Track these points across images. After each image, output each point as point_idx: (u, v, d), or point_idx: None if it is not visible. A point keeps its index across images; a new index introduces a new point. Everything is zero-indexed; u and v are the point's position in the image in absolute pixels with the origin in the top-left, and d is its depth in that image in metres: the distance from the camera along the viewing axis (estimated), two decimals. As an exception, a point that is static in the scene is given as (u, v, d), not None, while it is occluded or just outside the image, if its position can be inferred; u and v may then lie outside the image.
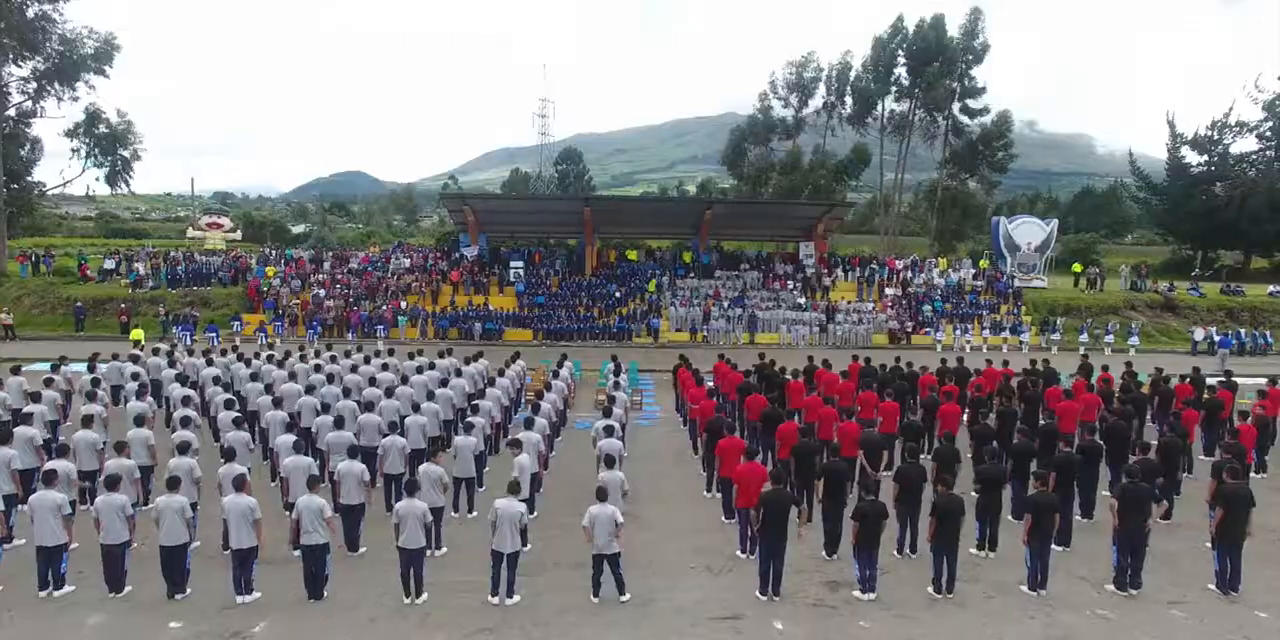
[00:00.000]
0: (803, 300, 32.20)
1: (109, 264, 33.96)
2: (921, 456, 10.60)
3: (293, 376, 14.52)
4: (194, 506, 9.34)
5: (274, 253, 36.66)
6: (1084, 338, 29.88)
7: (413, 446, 11.34)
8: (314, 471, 9.22)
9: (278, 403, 12.18)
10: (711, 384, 17.21)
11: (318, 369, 15.25)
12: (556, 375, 15.57)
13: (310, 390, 13.46)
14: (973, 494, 9.99)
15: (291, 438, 10.31)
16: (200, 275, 33.03)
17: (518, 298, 31.85)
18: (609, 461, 9.66)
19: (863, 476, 10.28)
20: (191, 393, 13.17)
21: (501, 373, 15.27)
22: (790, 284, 33.79)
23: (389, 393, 12.97)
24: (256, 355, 17.19)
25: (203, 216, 40.48)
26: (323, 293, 31.23)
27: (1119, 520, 8.66)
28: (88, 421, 10.67)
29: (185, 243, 41.10)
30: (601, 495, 8.37)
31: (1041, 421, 14.04)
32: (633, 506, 10.30)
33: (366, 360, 16.52)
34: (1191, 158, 55.17)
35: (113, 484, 8.18)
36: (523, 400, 17.25)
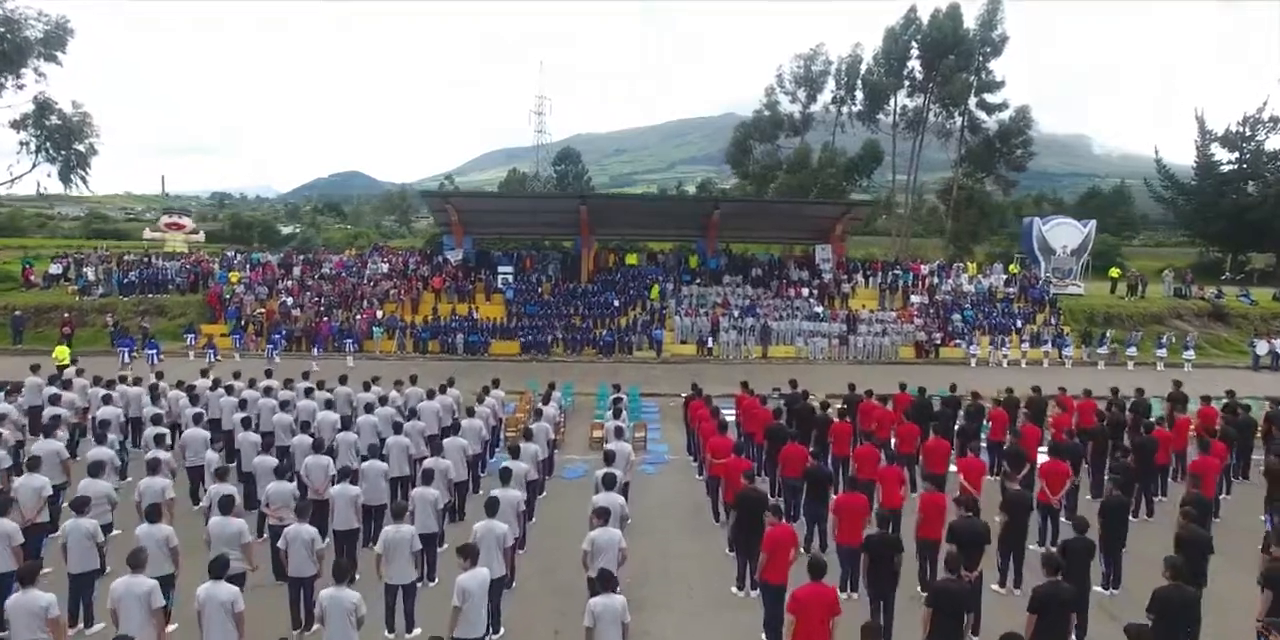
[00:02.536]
0: (820, 309, 29.13)
1: (55, 269, 30.75)
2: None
3: (197, 419, 11.40)
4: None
5: (238, 256, 33.29)
6: (1132, 351, 26.86)
7: (341, 528, 8.32)
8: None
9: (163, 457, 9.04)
10: (733, 419, 14.11)
11: (243, 406, 12.18)
12: (540, 414, 12.46)
13: (217, 441, 10.38)
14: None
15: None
16: (156, 281, 29.83)
17: (506, 306, 28.73)
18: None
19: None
20: (58, 446, 10.04)
21: (471, 412, 12.16)
22: (806, 291, 30.69)
23: (317, 446, 9.84)
24: (179, 383, 14.15)
25: (162, 216, 37.22)
26: (290, 301, 28.16)
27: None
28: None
29: (142, 244, 37.74)
30: (607, 585, 5.67)
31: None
32: (635, 613, 7.10)
33: (308, 392, 13.38)
34: (1220, 155, 52.32)
35: None
36: (502, 438, 14.21)
